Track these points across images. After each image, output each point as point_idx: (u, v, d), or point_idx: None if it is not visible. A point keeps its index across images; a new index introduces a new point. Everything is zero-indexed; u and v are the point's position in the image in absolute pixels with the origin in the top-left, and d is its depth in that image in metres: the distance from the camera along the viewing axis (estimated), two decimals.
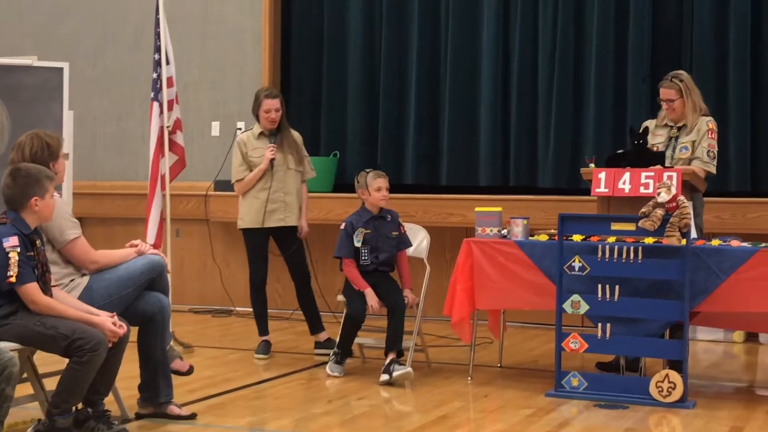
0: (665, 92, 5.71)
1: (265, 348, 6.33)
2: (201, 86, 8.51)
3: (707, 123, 5.68)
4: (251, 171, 6.31)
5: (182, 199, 8.14)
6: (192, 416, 4.69)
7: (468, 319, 5.61)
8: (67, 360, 4.13)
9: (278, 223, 6.30)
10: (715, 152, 5.67)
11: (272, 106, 6.32)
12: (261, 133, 6.35)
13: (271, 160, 6.25)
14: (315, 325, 6.43)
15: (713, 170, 5.67)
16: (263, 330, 6.40)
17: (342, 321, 5.81)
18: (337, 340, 5.85)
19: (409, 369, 5.56)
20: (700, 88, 7.22)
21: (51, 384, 4.30)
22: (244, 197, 6.38)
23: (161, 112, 6.58)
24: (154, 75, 6.62)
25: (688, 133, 5.70)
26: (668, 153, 5.67)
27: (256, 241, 6.36)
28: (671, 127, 5.75)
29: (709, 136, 5.64)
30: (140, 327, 4.56)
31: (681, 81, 5.69)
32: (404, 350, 5.71)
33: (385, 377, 5.52)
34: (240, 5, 8.45)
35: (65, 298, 4.28)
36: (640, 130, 5.60)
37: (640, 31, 7.38)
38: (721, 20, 7.24)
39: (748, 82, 7.17)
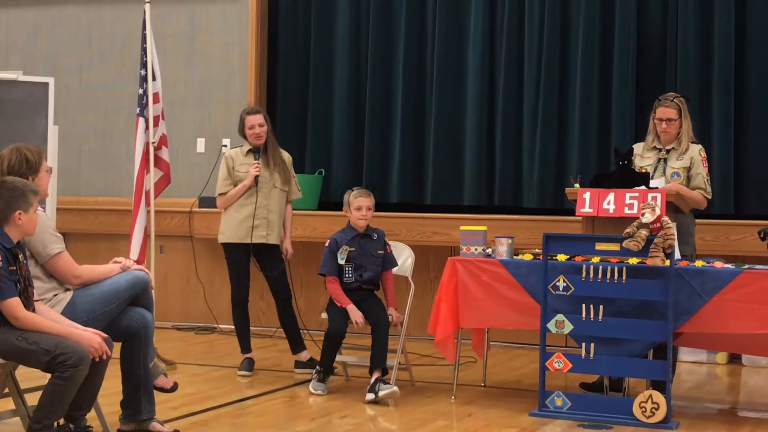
0: (666, 111, 5.73)
1: (248, 365, 6.31)
2: (187, 103, 8.51)
3: (699, 152, 5.75)
4: (235, 186, 6.32)
5: (166, 216, 8.11)
6: None
7: (452, 338, 5.61)
8: (49, 375, 4.09)
9: (260, 239, 6.29)
10: (708, 178, 5.77)
11: (255, 121, 6.34)
12: (249, 150, 6.36)
13: (256, 177, 6.26)
14: (296, 344, 6.41)
15: (710, 197, 5.77)
16: (245, 347, 6.38)
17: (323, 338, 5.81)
18: (319, 357, 5.84)
19: (395, 388, 5.54)
20: None
21: (33, 399, 4.26)
22: (226, 211, 6.38)
23: (147, 127, 6.57)
24: (140, 91, 6.61)
25: (678, 158, 5.72)
26: (658, 175, 5.69)
27: (238, 256, 6.35)
28: (659, 149, 5.78)
29: (704, 164, 5.71)
30: (123, 343, 4.54)
31: (681, 102, 5.74)
32: (388, 368, 5.69)
33: (370, 396, 5.51)
34: (227, 22, 8.46)
35: (48, 313, 4.25)
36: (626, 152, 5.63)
37: (625, 54, 7.42)
38: (706, 45, 7.29)
39: (732, 106, 7.22)
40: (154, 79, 6.63)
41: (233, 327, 6.53)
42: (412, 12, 8.01)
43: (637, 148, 5.85)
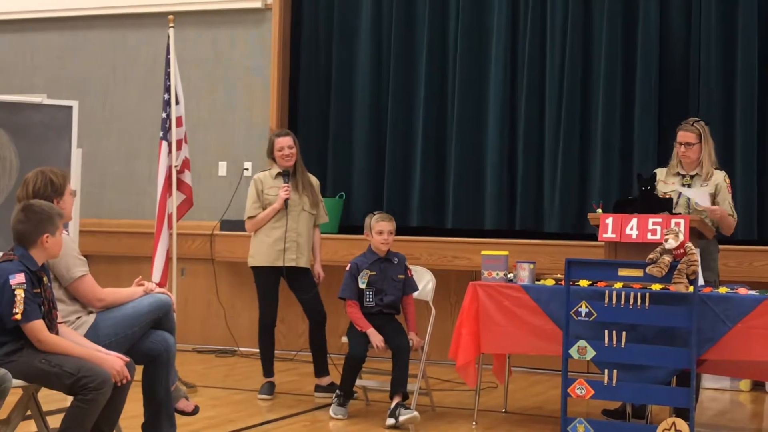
0: (685, 135, 5.70)
1: (269, 389, 6.30)
2: (209, 126, 8.55)
3: (724, 178, 5.73)
4: (264, 209, 6.33)
5: (188, 239, 8.13)
6: None
7: (473, 363, 5.59)
8: (71, 398, 4.10)
9: (290, 263, 6.29)
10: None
11: (284, 143, 6.36)
12: (278, 174, 6.38)
13: (286, 200, 6.27)
14: (321, 368, 6.40)
15: (736, 222, 5.75)
16: (268, 371, 6.37)
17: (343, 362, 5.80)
18: (339, 381, 5.83)
19: (416, 413, 5.52)
20: None
21: (55, 422, 4.27)
22: (256, 235, 6.39)
23: (170, 151, 6.61)
24: (164, 114, 6.66)
25: (702, 184, 5.69)
26: (681, 202, 5.66)
27: (267, 279, 6.35)
28: (683, 175, 5.75)
29: (729, 190, 5.69)
30: (145, 366, 4.54)
31: (702, 127, 5.73)
32: (409, 393, 5.67)
33: (391, 421, 5.49)
34: (249, 47, 8.51)
35: (71, 336, 4.27)
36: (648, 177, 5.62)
37: (647, 79, 7.41)
38: (729, 70, 7.28)
39: (755, 131, 7.19)
40: (177, 103, 6.68)
41: (254, 350, 6.53)
42: (433, 36, 8.04)
43: (660, 173, 5.82)
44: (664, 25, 7.48)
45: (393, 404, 5.55)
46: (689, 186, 5.70)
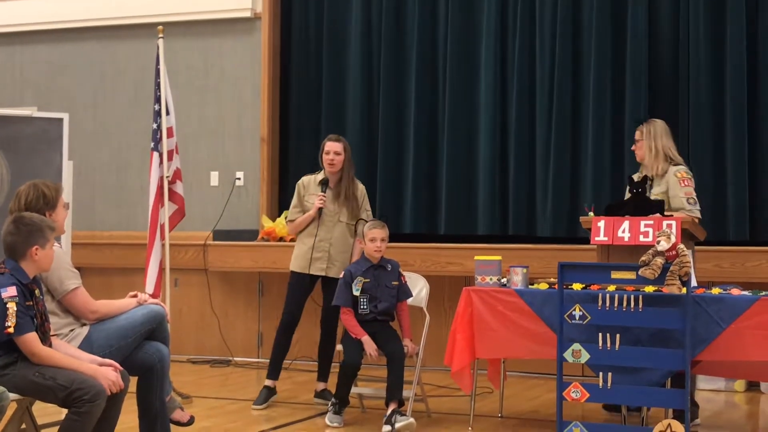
0: (636, 135, 5.95)
1: (264, 397, 6.24)
2: (200, 136, 8.55)
3: (675, 173, 5.75)
4: (305, 214, 6.33)
5: (181, 249, 8.12)
6: None
7: (468, 368, 5.58)
8: (65, 410, 4.09)
9: (319, 272, 6.29)
10: (695, 198, 5.72)
11: (331, 148, 6.31)
12: (323, 180, 6.36)
13: (320, 209, 6.26)
14: (323, 374, 6.39)
15: (698, 215, 5.71)
16: (273, 373, 6.30)
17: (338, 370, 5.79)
18: (335, 389, 5.82)
19: (412, 419, 5.52)
20: (697, 139, 7.28)
21: None
22: (297, 239, 6.40)
23: (161, 162, 6.60)
24: (154, 125, 6.65)
25: (658, 184, 5.74)
26: None
27: (299, 284, 6.33)
28: (646, 177, 5.78)
29: (682, 184, 5.69)
30: (139, 377, 4.53)
31: (646, 123, 5.87)
32: (405, 400, 5.67)
33: (387, 428, 5.48)
34: (239, 56, 8.52)
35: (65, 348, 4.26)
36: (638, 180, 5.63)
37: (637, 84, 7.42)
38: (718, 71, 7.30)
39: (745, 132, 7.21)
40: (167, 113, 6.67)
41: (248, 359, 6.52)
42: (423, 44, 8.05)
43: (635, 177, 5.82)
44: (653, 29, 7.49)
45: (389, 411, 5.54)
46: (650, 188, 5.73)
